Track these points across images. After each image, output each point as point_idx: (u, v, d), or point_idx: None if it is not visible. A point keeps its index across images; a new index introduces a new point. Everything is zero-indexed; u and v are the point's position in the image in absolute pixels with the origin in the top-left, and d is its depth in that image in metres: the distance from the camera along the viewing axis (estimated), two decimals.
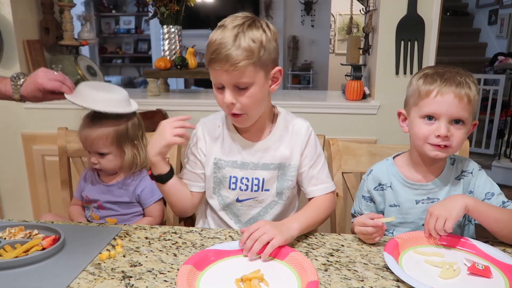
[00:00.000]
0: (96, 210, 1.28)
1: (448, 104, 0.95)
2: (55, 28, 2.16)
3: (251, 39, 0.95)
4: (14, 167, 2.14)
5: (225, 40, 0.94)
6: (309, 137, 1.12)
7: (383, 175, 1.10)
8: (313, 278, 0.78)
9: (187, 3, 2.19)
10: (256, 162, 1.10)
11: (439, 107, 0.96)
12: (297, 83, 6.43)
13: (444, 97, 0.95)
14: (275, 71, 1.02)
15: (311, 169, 1.12)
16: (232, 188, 1.12)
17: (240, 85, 0.98)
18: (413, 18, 1.83)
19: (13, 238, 0.94)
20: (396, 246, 0.90)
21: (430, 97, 0.97)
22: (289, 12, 6.21)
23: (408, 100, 1.06)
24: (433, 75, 0.99)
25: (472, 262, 0.84)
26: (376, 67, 1.92)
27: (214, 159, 1.12)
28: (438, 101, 0.96)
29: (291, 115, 1.16)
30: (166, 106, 1.95)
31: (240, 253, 0.90)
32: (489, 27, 5.12)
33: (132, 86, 6.80)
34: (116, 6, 7.15)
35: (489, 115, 3.80)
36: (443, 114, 0.96)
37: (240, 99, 0.99)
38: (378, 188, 1.10)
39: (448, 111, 0.96)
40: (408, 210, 1.06)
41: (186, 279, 0.78)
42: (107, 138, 1.19)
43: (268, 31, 0.99)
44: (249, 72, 0.96)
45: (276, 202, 1.13)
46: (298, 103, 2.01)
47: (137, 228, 1.04)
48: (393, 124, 2.02)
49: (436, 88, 0.96)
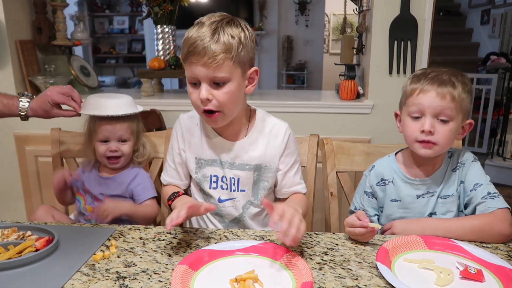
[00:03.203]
0: (91, 201, 1.28)
1: (429, 100, 1.00)
2: (48, 28, 2.15)
3: (230, 35, 0.95)
4: (6, 168, 2.12)
5: (203, 34, 0.94)
6: (288, 139, 1.11)
7: (386, 170, 1.12)
8: (307, 279, 0.78)
9: (181, 3, 2.19)
10: (232, 162, 1.10)
11: (421, 104, 1.01)
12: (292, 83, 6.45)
13: (426, 95, 1.01)
14: (251, 71, 1.03)
15: (289, 171, 1.13)
16: (213, 188, 1.12)
17: (217, 80, 0.96)
18: (406, 18, 1.85)
19: (6, 239, 0.93)
20: (386, 254, 0.88)
21: (414, 95, 1.03)
22: (283, 12, 6.22)
23: (400, 100, 1.11)
24: (419, 76, 1.04)
25: (464, 266, 0.83)
26: (369, 66, 1.93)
27: (195, 158, 1.13)
28: (421, 98, 1.01)
29: (269, 115, 1.15)
30: (160, 106, 1.95)
31: (234, 254, 0.90)
32: (481, 27, 5.16)
33: (126, 86, 6.78)
34: (110, 6, 7.12)
35: (482, 115, 3.83)
36: (425, 110, 1.01)
37: (216, 95, 0.97)
38: (381, 184, 1.12)
39: (430, 107, 1.00)
40: (408, 204, 1.08)
41: (180, 279, 0.78)
42: (129, 126, 1.28)
43: (246, 31, 0.99)
44: (226, 67, 0.95)
45: (251, 203, 1.13)
46: (293, 102, 2.01)
47: (131, 229, 1.03)
48: (386, 123, 2.04)
49: (420, 87, 1.02)
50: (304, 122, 1.96)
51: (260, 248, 0.91)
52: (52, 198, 1.81)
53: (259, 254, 0.90)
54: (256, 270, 0.82)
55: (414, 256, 0.90)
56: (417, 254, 0.91)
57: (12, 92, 2.02)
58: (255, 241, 0.94)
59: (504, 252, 0.93)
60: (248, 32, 1.00)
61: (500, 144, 3.60)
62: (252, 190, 1.12)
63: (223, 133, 1.10)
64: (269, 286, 0.79)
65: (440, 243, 0.93)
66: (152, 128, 1.77)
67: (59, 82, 2.09)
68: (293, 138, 1.15)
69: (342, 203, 1.36)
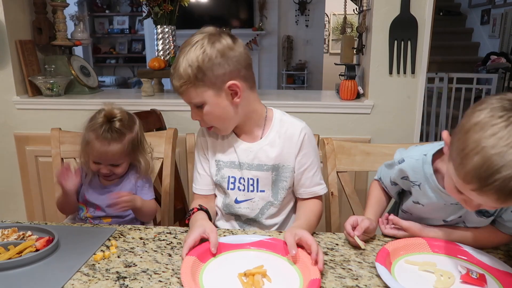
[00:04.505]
0: (93, 210, 1.27)
1: (483, 203, 0.76)
2: (48, 28, 2.15)
3: (188, 64, 0.98)
4: (7, 168, 2.12)
5: (174, 65, 1.01)
6: (303, 139, 1.11)
7: (415, 173, 0.97)
8: (315, 276, 0.78)
9: (181, 3, 2.18)
10: (250, 163, 1.11)
11: (472, 199, 0.77)
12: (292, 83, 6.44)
13: (482, 197, 0.74)
14: (229, 85, 1.01)
15: (306, 171, 1.12)
16: (231, 188, 1.13)
17: (195, 105, 1.03)
18: (406, 18, 1.84)
19: (6, 239, 0.93)
20: (387, 255, 0.87)
21: (473, 193, 0.74)
22: (283, 12, 6.21)
23: (452, 154, 0.77)
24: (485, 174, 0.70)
25: (466, 270, 0.82)
26: (369, 66, 1.93)
27: (215, 161, 1.14)
28: (475, 196, 0.75)
29: (287, 116, 1.15)
30: (160, 106, 1.95)
31: (242, 247, 0.91)
32: (481, 26, 5.16)
33: (126, 87, 6.77)
34: (110, 6, 7.12)
35: None
36: (475, 204, 0.79)
37: (201, 115, 1.05)
38: (404, 178, 1.02)
39: (479, 204, 0.79)
40: (432, 211, 0.98)
41: (190, 270, 0.79)
42: (123, 151, 1.19)
43: (211, 49, 0.97)
44: (193, 94, 1.01)
45: (271, 203, 1.13)
46: (293, 102, 2.01)
47: (131, 229, 1.03)
48: (386, 123, 2.04)
49: (481, 188, 0.72)
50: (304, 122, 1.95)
51: (269, 244, 0.92)
52: (52, 199, 1.81)
53: (267, 249, 0.91)
54: (264, 265, 0.83)
55: (416, 258, 0.89)
56: (420, 257, 0.90)
57: (11, 92, 2.03)
58: (263, 236, 0.95)
59: (504, 252, 0.93)
60: (214, 49, 0.97)
61: None
62: (271, 191, 1.13)
63: (240, 135, 1.13)
64: (276, 281, 0.80)
65: (444, 246, 0.91)
66: (152, 128, 1.77)
67: (59, 82, 2.09)
68: (311, 138, 1.13)
69: (343, 203, 1.36)
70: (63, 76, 2.14)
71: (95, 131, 1.17)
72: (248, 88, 1.05)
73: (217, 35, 1.00)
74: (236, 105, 1.04)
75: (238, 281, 0.79)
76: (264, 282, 0.78)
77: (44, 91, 2.10)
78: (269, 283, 0.79)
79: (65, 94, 2.16)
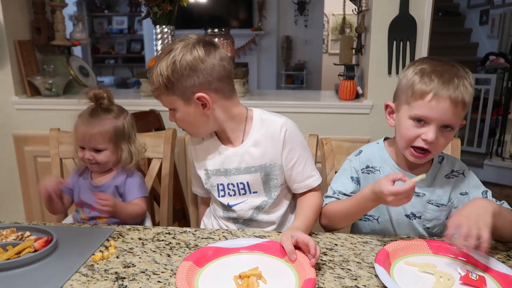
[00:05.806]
0: (88, 211, 1.27)
1: (442, 110, 0.90)
2: (47, 28, 2.15)
3: (159, 73, 1.01)
4: (5, 169, 2.12)
5: (151, 70, 1.04)
6: (285, 135, 1.09)
7: (375, 158, 1.07)
8: (310, 276, 0.78)
9: (180, 3, 2.18)
10: (238, 167, 1.11)
11: (432, 112, 0.91)
12: (291, 83, 6.44)
13: (439, 103, 0.90)
14: (197, 97, 1.02)
15: (295, 166, 1.12)
16: (221, 196, 1.14)
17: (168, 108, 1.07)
18: (405, 18, 1.85)
19: (4, 240, 0.93)
20: (386, 256, 0.87)
21: (425, 100, 0.91)
22: (282, 12, 6.21)
23: (399, 95, 1.00)
24: (430, 74, 0.92)
25: (465, 271, 0.82)
26: (368, 67, 1.93)
27: (204, 169, 1.16)
28: (433, 106, 0.90)
29: (267, 114, 1.14)
30: (159, 106, 1.93)
31: (239, 251, 0.90)
32: (480, 27, 5.17)
33: (125, 87, 6.77)
34: (109, 6, 7.12)
35: (481, 114, 3.83)
36: (435, 120, 0.92)
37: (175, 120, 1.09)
38: (365, 171, 1.07)
39: (441, 117, 0.91)
40: None
41: (185, 275, 0.78)
42: (106, 134, 1.20)
43: (181, 61, 0.98)
44: (164, 100, 1.06)
45: (266, 202, 1.13)
46: (292, 103, 2.01)
47: (130, 229, 1.03)
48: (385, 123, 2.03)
49: (433, 91, 0.90)
50: (303, 122, 1.95)
51: (265, 246, 0.91)
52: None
53: (264, 251, 0.90)
54: (260, 267, 0.83)
55: (416, 259, 0.88)
56: (420, 258, 0.89)
57: (10, 92, 2.02)
58: (260, 239, 0.95)
59: (504, 253, 0.93)
60: (185, 61, 0.98)
61: (499, 144, 3.61)
62: (264, 191, 1.13)
63: (223, 140, 1.13)
64: (272, 283, 0.80)
65: (445, 247, 0.91)
66: (151, 128, 1.77)
67: (58, 82, 2.09)
68: (293, 133, 1.11)
69: None
70: (62, 76, 2.14)
71: (82, 115, 1.23)
72: (222, 99, 1.06)
73: (191, 46, 1.00)
74: (207, 115, 1.05)
75: (233, 284, 0.79)
76: (259, 284, 0.78)
77: (42, 91, 2.10)
78: (264, 285, 0.79)
79: (64, 94, 2.16)
